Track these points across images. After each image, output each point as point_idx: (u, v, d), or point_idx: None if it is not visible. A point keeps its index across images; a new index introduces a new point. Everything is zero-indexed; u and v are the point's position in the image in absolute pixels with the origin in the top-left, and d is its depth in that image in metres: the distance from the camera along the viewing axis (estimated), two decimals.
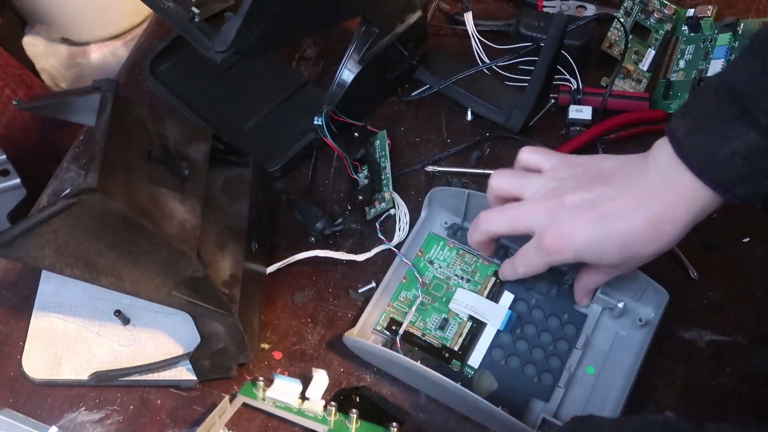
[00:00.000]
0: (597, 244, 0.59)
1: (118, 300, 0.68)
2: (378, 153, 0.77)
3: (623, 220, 0.58)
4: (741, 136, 0.53)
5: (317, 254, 0.72)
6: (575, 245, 0.59)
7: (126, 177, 0.58)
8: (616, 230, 0.58)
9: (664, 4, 0.83)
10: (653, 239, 0.58)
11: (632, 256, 0.59)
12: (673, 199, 0.57)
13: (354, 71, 0.76)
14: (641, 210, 0.57)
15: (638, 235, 0.57)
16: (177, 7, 0.67)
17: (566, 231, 0.59)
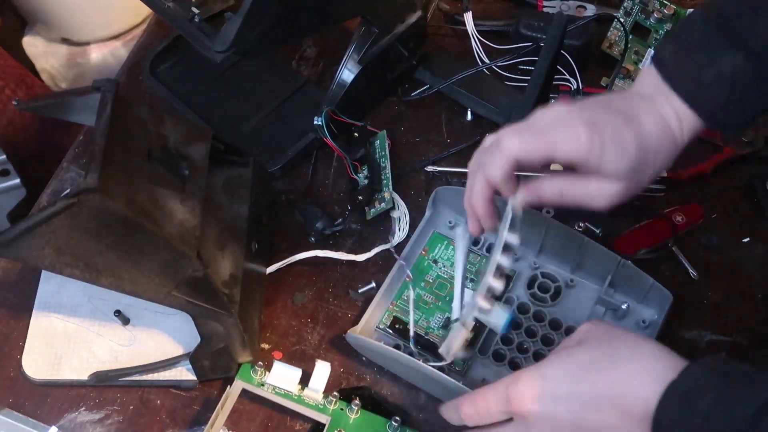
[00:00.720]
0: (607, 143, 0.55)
1: (118, 300, 0.68)
2: (378, 153, 0.77)
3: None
4: (728, 58, 0.54)
5: (317, 254, 0.72)
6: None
7: (126, 177, 0.58)
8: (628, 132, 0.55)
9: (664, 4, 0.83)
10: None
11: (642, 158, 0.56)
12: (663, 118, 0.56)
13: (354, 71, 0.76)
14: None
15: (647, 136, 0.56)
16: (177, 7, 0.67)
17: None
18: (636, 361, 0.50)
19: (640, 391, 0.48)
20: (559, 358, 0.53)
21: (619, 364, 0.50)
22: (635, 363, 0.50)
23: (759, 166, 0.78)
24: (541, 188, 0.57)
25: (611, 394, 0.49)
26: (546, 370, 0.52)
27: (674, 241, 0.74)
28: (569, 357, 0.52)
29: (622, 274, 0.68)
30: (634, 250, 0.73)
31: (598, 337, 0.53)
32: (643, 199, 0.76)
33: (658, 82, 0.56)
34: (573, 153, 0.54)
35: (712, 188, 0.77)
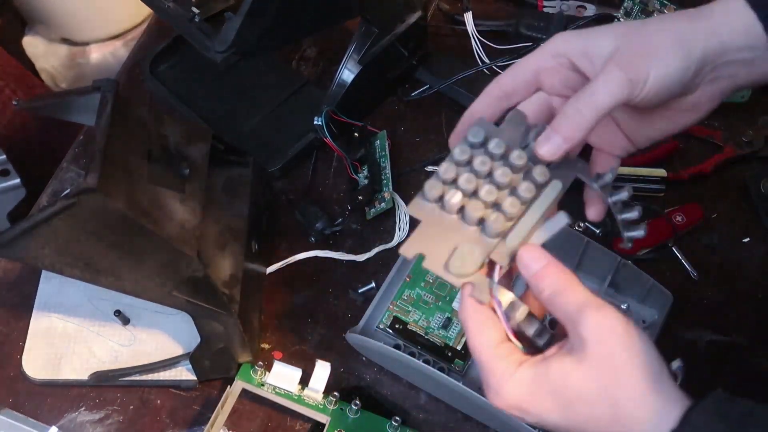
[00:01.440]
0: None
1: (118, 300, 0.68)
2: (378, 153, 0.77)
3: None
4: None
5: (317, 254, 0.72)
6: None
7: (126, 177, 0.58)
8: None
9: (664, 4, 0.83)
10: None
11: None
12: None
13: (354, 71, 0.76)
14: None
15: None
16: (177, 7, 0.67)
17: None
18: (640, 419, 0.43)
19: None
20: (553, 380, 0.44)
21: (617, 416, 0.43)
22: (638, 422, 0.43)
23: (756, 166, 0.78)
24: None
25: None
26: (536, 392, 0.45)
27: (674, 241, 0.74)
28: (564, 381, 0.44)
29: (622, 274, 0.68)
30: (634, 250, 0.73)
31: (601, 357, 0.44)
32: (643, 199, 0.76)
33: (727, 5, 0.49)
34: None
35: (712, 188, 0.77)
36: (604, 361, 0.44)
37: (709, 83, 0.51)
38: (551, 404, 0.44)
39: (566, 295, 0.45)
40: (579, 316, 0.44)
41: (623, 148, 0.54)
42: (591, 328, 0.44)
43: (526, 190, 0.47)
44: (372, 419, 0.64)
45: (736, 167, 0.78)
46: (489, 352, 0.46)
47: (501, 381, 0.45)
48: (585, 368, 0.44)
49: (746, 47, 0.49)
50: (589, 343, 0.44)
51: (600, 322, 0.44)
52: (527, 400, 0.45)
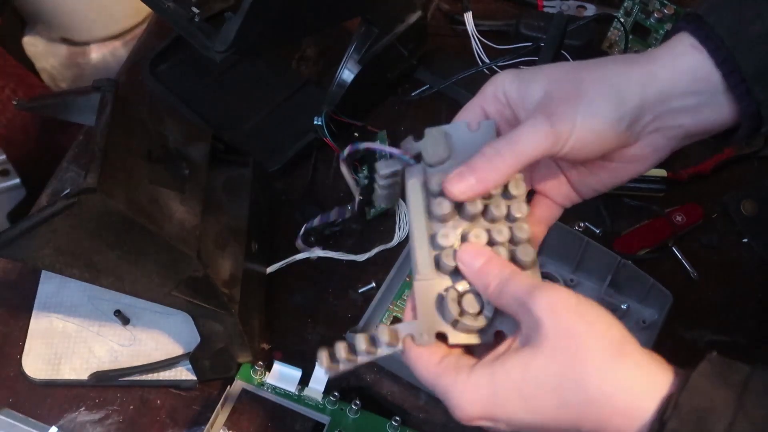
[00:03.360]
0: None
1: (118, 300, 0.68)
2: (378, 153, 0.77)
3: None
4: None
5: (317, 254, 0.72)
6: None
7: (126, 177, 0.58)
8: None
9: (664, 4, 0.83)
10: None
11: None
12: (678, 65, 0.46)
13: (354, 71, 0.76)
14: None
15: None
16: (177, 7, 0.67)
17: None
18: (614, 392, 0.40)
19: (624, 426, 0.40)
20: (512, 376, 0.41)
21: (588, 394, 0.40)
22: (612, 395, 0.40)
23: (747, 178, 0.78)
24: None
25: (583, 429, 0.41)
26: (497, 392, 0.41)
27: (674, 241, 0.74)
28: (524, 373, 0.41)
29: (622, 274, 0.68)
30: (634, 250, 0.73)
31: (558, 337, 0.41)
32: (643, 199, 0.76)
33: (672, 47, 0.47)
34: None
35: (712, 188, 0.77)
36: (561, 338, 0.41)
37: (652, 133, 0.47)
38: (517, 402, 0.41)
39: (514, 281, 0.43)
40: (530, 297, 0.42)
41: (567, 197, 0.52)
42: (543, 306, 0.41)
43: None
44: (372, 419, 0.64)
45: (736, 167, 0.78)
46: (434, 370, 0.44)
47: (458, 392, 0.42)
48: (543, 353, 0.41)
49: (690, 92, 0.46)
50: (544, 322, 0.41)
51: (551, 298, 0.42)
52: (491, 405, 0.42)
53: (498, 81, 0.49)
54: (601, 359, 0.40)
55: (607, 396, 0.40)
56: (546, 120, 0.45)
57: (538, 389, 0.41)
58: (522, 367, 0.41)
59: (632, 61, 0.47)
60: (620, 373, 0.40)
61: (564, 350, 0.41)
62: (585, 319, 0.41)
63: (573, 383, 0.40)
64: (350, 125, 0.78)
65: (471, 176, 0.44)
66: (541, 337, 0.41)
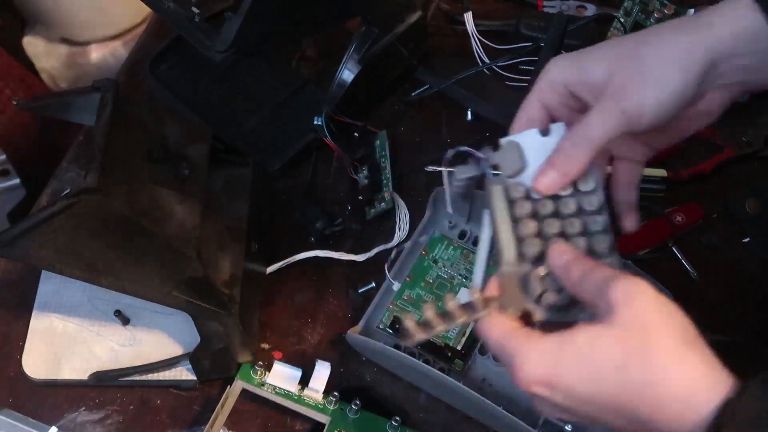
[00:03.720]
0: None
1: (118, 300, 0.68)
2: (378, 153, 0.77)
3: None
4: None
5: (317, 254, 0.72)
6: None
7: (126, 177, 0.58)
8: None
9: (664, 4, 0.83)
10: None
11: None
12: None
13: (354, 71, 0.76)
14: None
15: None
16: (177, 7, 0.67)
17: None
18: (677, 379, 0.41)
19: (679, 414, 0.41)
20: (579, 344, 0.42)
21: (652, 376, 0.41)
22: (675, 382, 0.41)
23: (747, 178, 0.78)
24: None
25: (638, 411, 0.41)
26: (562, 357, 0.42)
27: (674, 241, 0.74)
28: (592, 345, 0.42)
29: None
30: (634, 250, 0.73)
31: (632, 319, 0.42)
32: (643, 199, 0.75)
33: (731, 8, 0.48)
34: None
35: (712, 188, 0.77)
36: (634, 322, 0.42)
37: (718, 89, 0.50)
38: (580, 371, 0.42)
39: (595, 272, 0.45)
40: (607, 284, 0.43)
41: (643, 154, 0.55)
42: (620, 292, 0.42)
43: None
44: (372, 419, 0.64)
45: (736, 167, 0.78)
46: (506, 332, 0.45)
47: (524, 353, 0.43)
48: (614, 331, 0.42)
49: (751, 52, 0.47)
50: (618, 306, 0.42)
51: (629, 286, 0.43)
52: (554, 370, 0.43)
53: (553, 71, 0.50)
54: (672, 347, 0.41)
55: (671, 381, 0.41)
56: (616, 104, 0.47)
57: (604, 362, 0.42)
58: (591, 340, 0.42)
59: (691, 27, 0.48)
60: (688, 363, 0.41)
61: (636, 331, 0.41)
62: (661, 309, 0.42)
63: (639, 362, 0.41)
64: (350, 125, 0.78)
65: (553, 172, 0.48)
66: (615, 317, 0.42)
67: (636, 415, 0.42)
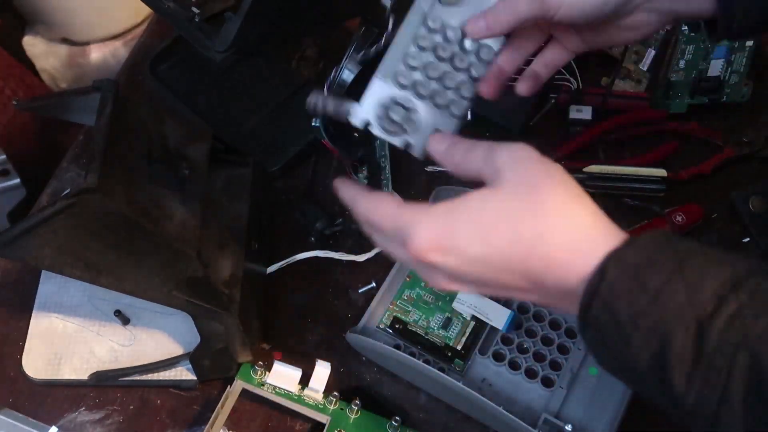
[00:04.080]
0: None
1: (118, 300, 0.68)
2: (378, 153, 0.77)
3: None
4: None
5: (317, 254, 0.72)
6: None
7: (126, 177, 0.58)
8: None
9: None
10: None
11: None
12: None
13: (354, 71, 0.76)
14: None
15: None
16: (177, 7, 0.67)
17: None
18: (565, 229, 0.41)
19: (568, 264, 0.41)
20: (470, 207, 0.43)
21: (543, 229, 0.41)
22: (563, 231, 0.41)
23: (747, 178, 0.78)
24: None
25: (530, 266, 0.42)
26: (455, 221, 0.43)
27: None
28: (482, 207, 0.43)
29: None
30: None
31: (519, 180, 0.43)
32: (643, 199, 0.76)
33: None
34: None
35: (712, 188, 0.77)
36: (521, 180, 0.43)
37: (645, 11, 0.55)
38: (471, 231, 0.42)
39: (476, 147, 0.46)
40: (492, 152, 0.45)
41: (576, 46, 0.59)
42: (505, 156, 0.44)
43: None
44: (372, 419, 0.64)
45: (736, 167, 0.78)
46: (395, 208, 0.45)
47: (416, 222, 0.44)
48: (503, 191, 0.43)
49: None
50: (505, 170, 0.43)
51: (514, 150, 0.44)
52: (446, 233, 0.43)
53: None
54: (560, 201, 0.42)
55: (560, 232, 0.41)
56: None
57: (495, 220, 0.42)
58: (482, 202, 0.43)
59: None
60: (576, 215, 0.42)
61: (524, 188, 0.42)
62: (547, 169, 0.43)
63: (529, 216, 0.42)
64: (350, 126, 0.78)
65: (483, 21, 0.53)
66: (503, 178, 0.43)
67: (527, 268, 0.42)
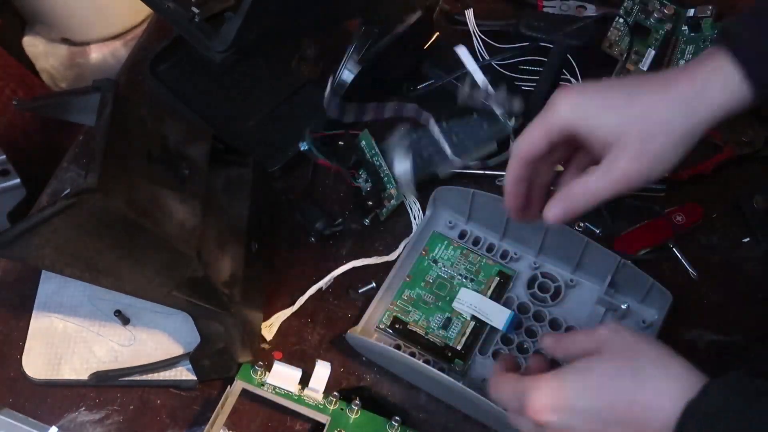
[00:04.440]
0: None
1: (118, 300, 0.68)
2: (368, 153, 0.76)
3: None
4: None
5: (354, 265, 0.72)
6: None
7: (126, 177, 0.58)
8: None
9: (664, 4, 0.83)
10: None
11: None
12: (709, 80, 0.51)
13: (354, 71, 0.76)
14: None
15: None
16: (177, 7, 0.67)
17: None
18: (659, 379, 0.48)
19: (660, 412, 0.47)
20: (579, 371, 0.51)
21: (641, 381, 0.48)
22: (658, 381, 0.48)
23: (755, 170, 0.78)
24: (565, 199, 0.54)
25: (631, 414, 0.48)
26: (566, 383, 0.50)
27: (674, 241, 0.74)
28: (589, 370, 0.50)
29: (622, 274, 0.68)
30: (634, 250, 0.73)
31: (619, 347, 0.51)
32: (643, 199, 0.76)
33: (713, 59, 0.51)
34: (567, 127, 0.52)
35: (712, 188, 0.77)
36: (621, 347, 0.50)
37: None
38: (581, 389, 0.49)
39: (577, 333, 0.55)
40: (592, 332, 0.53)
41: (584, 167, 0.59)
42: (605, 330, 0.52)
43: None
44: (372, 419, 0.64)
45: (736, 167, 0.78)
46: (515, 381, 0.53)
47: (534, 388, 0.50)
48: (607, 355, 0.50)
49: (735, 109, 0.51)
50: (606, 341, 0.51)
51: (611, 325, 0.52)
52: (557, 394, 0.50)
53: (563, 111, 0.53)
54: (655, 355, 0.50)
55: (655, 384, 0.48)
56: (622, 173, 0.51)
57: (601, 377, 0.50)
58: (587, 365, 0.51)
59: (691, 102, 0.51)
60: (669, 368, 0.48)
61: (624, 352, 0.50)
62: (639, 336, 0.52)
63: (630, 372, 0.49)
64: (334, 136, 0.77)
65: (560, 208, 0.54)
66: (605, 348, 0.51)
67: (630, 418, 0.48)
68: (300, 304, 0.70)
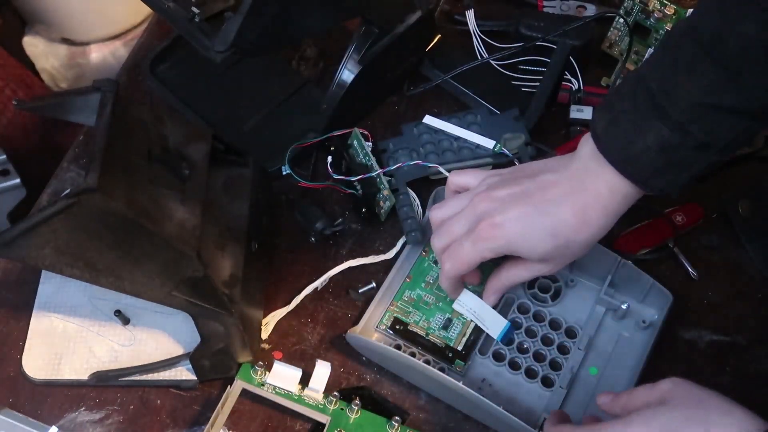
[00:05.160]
0: (529, 232, 0.60)
1: (118, 300, 0.68)
2: (359, 154, 0.76)
3: (552, 208, 0.59)
4: (654, 130, 0.55)
5: (350, 264, 0.72)
6: (507, 233, 0.60)
7: (126, 177, 0.58)
8: (547, 217, 0.59)
9: (664, 4, 0.83)
10: (582, 226, 0.59)
11: (563, 244, 0.60)
12: (596, 189, 0.59)
13: (354, 71, 0.76)
14: (568, 198, 0.59)
15: (567, 222, 0.59)
16: (177, 7, 0.67)
17: (498, 220, 0.60)
18: (726, 426, 0.49)
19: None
20: (646, 418, 0.52)
21: (709, 427, 0.49)
22: (725, 427, 0.49)
23: (748, 177, 0.78)
24: (492, 288, 0.67)
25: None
26: (632, 428, 0.52)
27: (674, 241, 0.74)
28: (654, 418, 0.51)
29: (622, 274, 0.68)
30: (634, 250, 0.73)
31: (683, 398, 0.52)
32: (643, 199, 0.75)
33: (594, 152, 0.59)
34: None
35: (711, 188, 0.77)
36: (684, 394, 0.52)
37: None
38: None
39: (635, 390, 0.56)
40: (653, 386, 0.54)
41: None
42: (667, 383, 0.53)
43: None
44: (372, 419, 0.64)
45: (736, 167, 0.78)
46: (579, 429, 0.56)
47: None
48: (671, 404, 0.52)
49: (632, 202, 0.61)
50: (668, 392, 0.52)
51: (671, 378, 0.53)
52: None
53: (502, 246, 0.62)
54: (719, 403, 0.51)
55: (723, 427, 0.49)
56: (543, 270, 0.64)
57: (670, 424, 0.50)
58: (652, 414, 0.52)
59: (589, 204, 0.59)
60: (736, 413, 0.50)
61: (688, 400, 0.52)
62: (701, 388, 0.53)
63: (697, 418, 0.50)
64: (321, 143, 0.77)
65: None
66: (668, 399, 0.52)
67: None
68: (296, 304, 0.70)
